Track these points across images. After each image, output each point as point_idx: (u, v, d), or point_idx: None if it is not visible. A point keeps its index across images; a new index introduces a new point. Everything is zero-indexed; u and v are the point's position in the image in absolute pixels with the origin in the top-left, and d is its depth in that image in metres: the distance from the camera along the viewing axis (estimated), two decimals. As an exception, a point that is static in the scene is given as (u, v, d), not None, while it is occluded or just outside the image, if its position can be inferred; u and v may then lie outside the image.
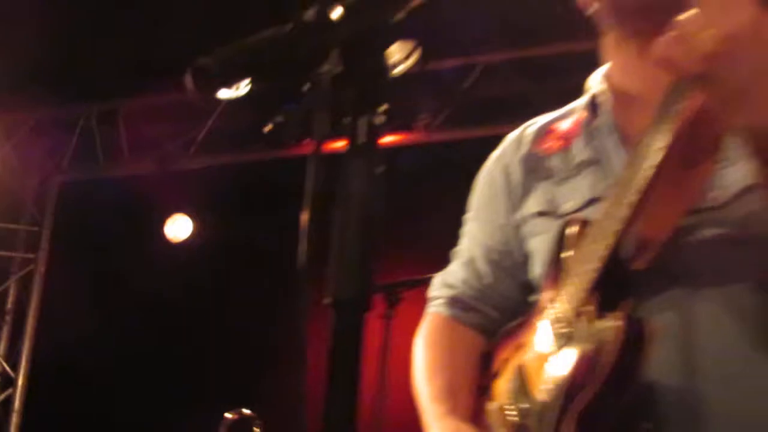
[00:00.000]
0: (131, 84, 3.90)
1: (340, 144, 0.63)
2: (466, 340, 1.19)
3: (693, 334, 0.94)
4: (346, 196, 0.63)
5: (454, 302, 1.21)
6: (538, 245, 1.11)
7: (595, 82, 1.14)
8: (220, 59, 0.61)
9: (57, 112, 4.36)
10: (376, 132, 0.63)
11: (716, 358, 0.93)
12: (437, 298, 1.25)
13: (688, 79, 0.82)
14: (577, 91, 1.18)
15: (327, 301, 0.63)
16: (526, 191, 1.15)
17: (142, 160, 4.14)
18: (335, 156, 0.62)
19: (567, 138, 1.13)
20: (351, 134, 0.63)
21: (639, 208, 0.90)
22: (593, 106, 1.12)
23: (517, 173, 1.18)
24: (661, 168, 0.89)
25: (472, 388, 1.11)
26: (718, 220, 0.95)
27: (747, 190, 0.92)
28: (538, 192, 1.13)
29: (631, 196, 0.90)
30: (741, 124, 0.82)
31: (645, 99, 0.97)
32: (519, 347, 1.05)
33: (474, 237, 1.23)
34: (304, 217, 0.63)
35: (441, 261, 1.29)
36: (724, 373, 0.93)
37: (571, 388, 0.91)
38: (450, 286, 1.23)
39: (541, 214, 1.12)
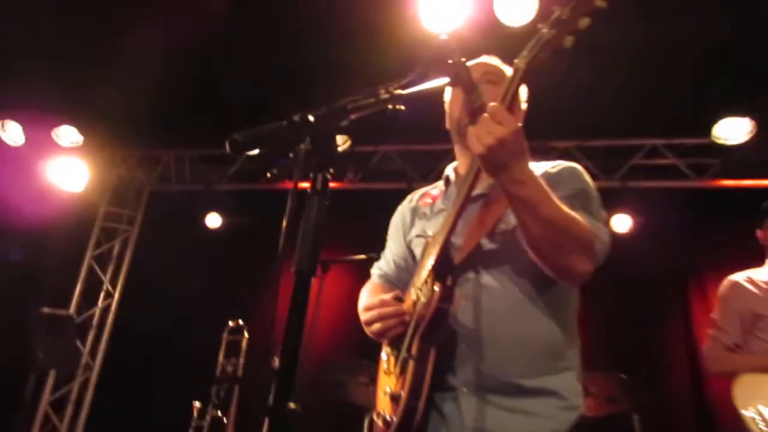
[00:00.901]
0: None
1: (306, 185, 1.13)
2: (383, 290, 1.97)
3: (480, 297, 1.64)
4: (307, 213, 1.12)
5: (380, 276, 2.06)
6: (416, 250, 1.89)
7: (450, 170, 1.95)
8: (245, 135, 1.10)
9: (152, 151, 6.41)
10: (326, 181, 1.13)
11: (490, 311, 1.63)
12: (374, 273, 2.08)
13: (478, 158, 1.44)
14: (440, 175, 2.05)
15: (293, 269, 1.12)
16: (412, 224, 1.98)
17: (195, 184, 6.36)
18: (304, 192, 1.12)
19: (434, 199, 1.96)
20: (313, 181, 1.12)
21: (451, 230, 1.62)
22: (447, 182, 1.93)
23: (407, 216, 2.02)
24: (461, 209, 1.60)
25: None
26: (504, 239, 1.65)
27: None
28: (417, 225, 1.94)
29: (447, 225, 1.63)
30: (499, 182, 1.45)
31: (468, 175, 1.63)
32: (406, 297, 1.77)
33: (390, 249, 2.06)
34: (284, 222, 1.12)
35: (352, 251, 2.85)
36: (494, 319, 1.62)
37: (418, 320, 1.60)
38: (380, 268, 2.07)
39: (418, 236, 1.90)
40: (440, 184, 1.98)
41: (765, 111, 4.47)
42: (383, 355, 1.83)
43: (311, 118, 1.12)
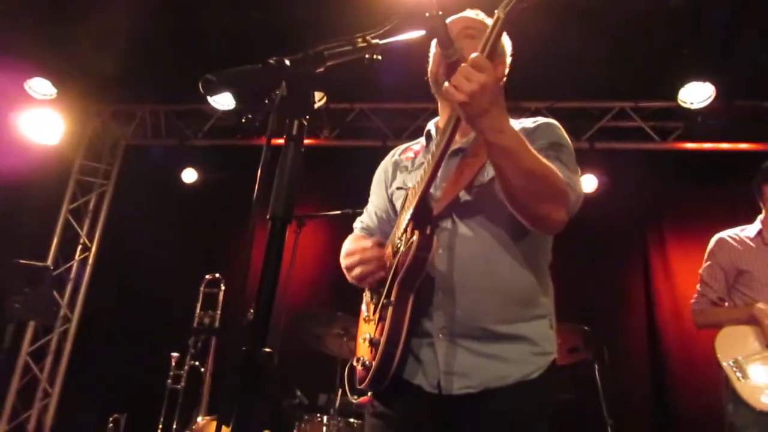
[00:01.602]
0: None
1: (281, 141, 1.09)
2: (365, 239, 1.93)
3: (456, 246, 1.64)
4: (283, 159, 1.09)
5: (362, 229, 2.04)
6: (397, 203, 1.87)
7: (431, 125, 1.93)
8: (218, 75, 1.05)
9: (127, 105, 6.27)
10: (302, 128, 1.09)
11: (465, 260, 1.64)
12: (356, 226, 2.07)
13: (457, 106, 1.41)
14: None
15: (268, 216, 1.09)
16: (393, 178, 1.97)
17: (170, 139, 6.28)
18: (279, 146, 1.08)
19: (416, 153, 1.95)
20: (289, 127, 1.08)
21: (430, 181, 1.60)
22: (429, 137, 1.92)
23: (390, 170, 2.00)
24: (439, 160, 1.57)
25: None
26: (481, 191, 1.65)
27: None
28: (398, 178, 1.93)
29: (426, 176, 1.60)
30: (479, 129, 1.44)
31: (446, 127, 1.60)
32: (387, 247, 1.78)
33: (372, 203, 2.04)
34: (260, 171, 1.09)
35: (327, 207, 2.91)
36: (469, 268, 1.63)
37: (398, 267, 1.60)
38: (362, 221, 2.06)
39: (399, 188, 1.89)
40: (422, 139, 1.97)
41: (725, 77, 4.50)
42: (363, 306, 1.84)
43: (287, 62, 1.07)
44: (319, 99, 5.30)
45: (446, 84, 1.40)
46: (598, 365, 4.00)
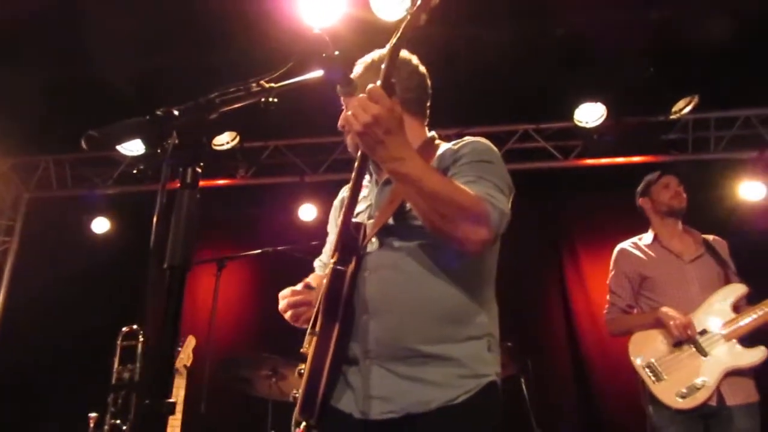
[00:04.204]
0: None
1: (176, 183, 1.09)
2: (320, 279, 1.92)
3: (383, 269, 1.68)
4: (178, 208, 1.08)
5: (319, 267, 2.06)
6: None
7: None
8: (102, 131, 1.04)
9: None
10: (196, 176, 1.09)
11: (390, 281, 1.66)
12: (316, 264, 2.09)
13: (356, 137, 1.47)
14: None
15: (165, 265, 1.08)
16: (340, 214, 1.93)
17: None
18: (173, 190, 1.08)
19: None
20: (182, 176, 1.08)
21: (348, 213, 1.67)
22: (370, 172, 1.89)
23: (338, 207, 2.03)
24: (354, 193, 1.64)
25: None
26: (409, 215, 1.67)
27: None
28: None
29: (345, 208, 1.68)
30: (377, 159, 1.51)
31: (357, 159, 1.66)
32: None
33: (328, 240, 2.05)
34: (155, 219, 1.08)
35: (248, 247, 2.96)
36: (393, 288, 1.66)
37: (321, 298, 1.65)
38: (320, 260, 2.09)
39: None
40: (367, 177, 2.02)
41: (612, 96, 4.86)
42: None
43: (176, 112, 1.08)
44: (232, 139, 5.26)
45: (342, 116, 1.46)
46: (524, 379, 4.12)
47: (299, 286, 1.77)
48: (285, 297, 1.78)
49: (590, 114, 5.06)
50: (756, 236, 4.60)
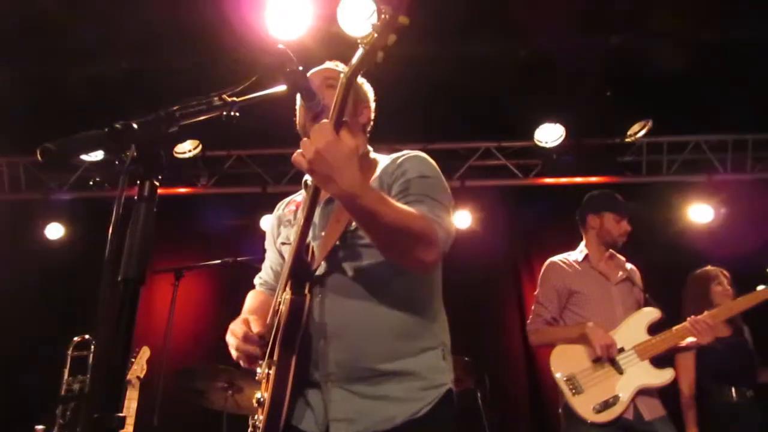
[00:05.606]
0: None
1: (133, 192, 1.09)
2: (263, 296, 2.01)
3: (336, 293, 1.68)
4: (134, 220, 1.08)
5: (261, 284, 2.07)
6: (286, 257, 1.84)
7: (308, 176, 1.80)
8: (59, 144, 1.03)
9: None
10: (154, 188, 1.09)
11: (344, 304, 1.67)
12: (256, 282, 2.09)
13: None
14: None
15: (119, 278, 1.07)
16: (278, 233, 2.00)
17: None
18: (130, 198, 1.08)
19: (297, 206, 1.97)
20: (139, 188, 1.08)
21: (301, 238, 1.63)
22: (307, 188, 1.88)
23: (275, 225, 2.04)
24: (308, 216, 1.61)
25: (265, 312, 1.80)
26: (356, 236, 1.69)
27: None
28: (283, 233, 1.97)
29: (297, 232, 1.64)
30: (331, 194, 1.53)
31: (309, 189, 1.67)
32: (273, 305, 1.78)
33: (268, 258, 2.07)
34: (111, 230, 1.07)
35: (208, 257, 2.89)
36: (347, 310, 1.66)
37: (278, 326, 1.64)
38: (260, 277, 2.08)
39: (283, 243, 1.94)
40: (303, 191, 1.98)
41: (571, 118, 5.01)
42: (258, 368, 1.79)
43: (135, 125, 1.08)
44: (195, 147, 5.21)
45: (295, 154, 1.45)
46: (480, 393, 4.17)
47: (254, 333, 1.67)
48: (237, 336, 1.68)
49: (550, 134, 5.20)
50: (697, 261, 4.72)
